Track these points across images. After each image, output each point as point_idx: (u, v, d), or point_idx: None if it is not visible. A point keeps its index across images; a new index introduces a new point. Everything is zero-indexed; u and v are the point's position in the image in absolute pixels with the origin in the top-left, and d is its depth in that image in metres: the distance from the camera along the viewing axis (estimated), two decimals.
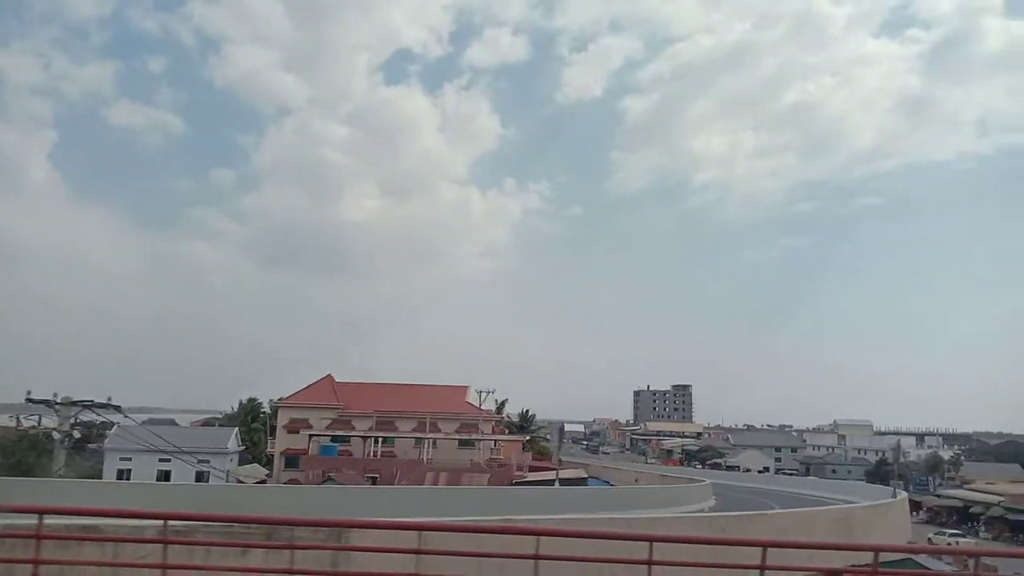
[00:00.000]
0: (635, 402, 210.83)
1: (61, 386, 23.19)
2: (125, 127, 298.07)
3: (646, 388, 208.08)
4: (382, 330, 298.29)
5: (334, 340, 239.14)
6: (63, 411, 22.47)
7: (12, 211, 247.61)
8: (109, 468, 49.92)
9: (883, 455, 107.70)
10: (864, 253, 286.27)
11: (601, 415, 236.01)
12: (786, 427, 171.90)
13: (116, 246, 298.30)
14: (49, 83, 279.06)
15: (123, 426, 44.61)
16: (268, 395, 73.61)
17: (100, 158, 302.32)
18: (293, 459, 52.35)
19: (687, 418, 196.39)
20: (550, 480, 41.64)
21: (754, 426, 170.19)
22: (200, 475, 49.28)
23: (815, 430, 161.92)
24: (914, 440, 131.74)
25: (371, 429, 55.84)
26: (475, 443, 57.19)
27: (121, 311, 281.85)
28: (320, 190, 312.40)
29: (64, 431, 22.76)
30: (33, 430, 48.40)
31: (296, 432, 54.57)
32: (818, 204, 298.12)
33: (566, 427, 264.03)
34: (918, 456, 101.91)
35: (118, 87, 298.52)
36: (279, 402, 58.12)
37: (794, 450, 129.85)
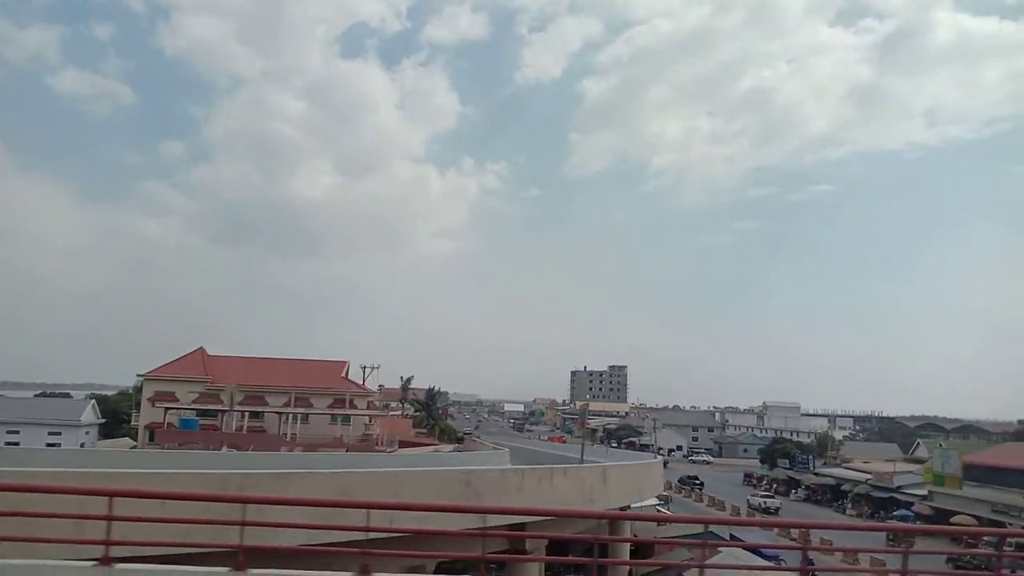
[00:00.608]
0: (572, 382, 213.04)
1: None
2: (71, 95, 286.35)
3: (583, 369, 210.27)
4: (332, 309, 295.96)
5: (278, 319, 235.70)
6: None
7: None
8: None
9: (778, 434, 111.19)
10: (815, 238, 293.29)
11: (543, 395, 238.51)
12: (716, 408, 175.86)
13: (63, 220, 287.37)
14: None
15: None
16: None
17: (45, 128, 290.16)
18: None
19: (622, 398, 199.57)
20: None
21: (680, 406, 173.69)
22: (51, 447, 48.02)
23: (746, 411, 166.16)
24: (826, 421, 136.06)
25: (240, 403, 55.02)
26: (350, 419, 56.94)
27: (65, 286, 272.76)
28: (273, 165, 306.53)
29: None
30: None
31: (161, 405, 53.44)
32: (771, 190, 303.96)
33: (506, 407, 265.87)
34: (811, 436, 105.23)
35: (63, 53, 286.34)
36: (147, 375, 56.74)
37: (711, 430, 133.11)
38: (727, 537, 30.38)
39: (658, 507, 42.07)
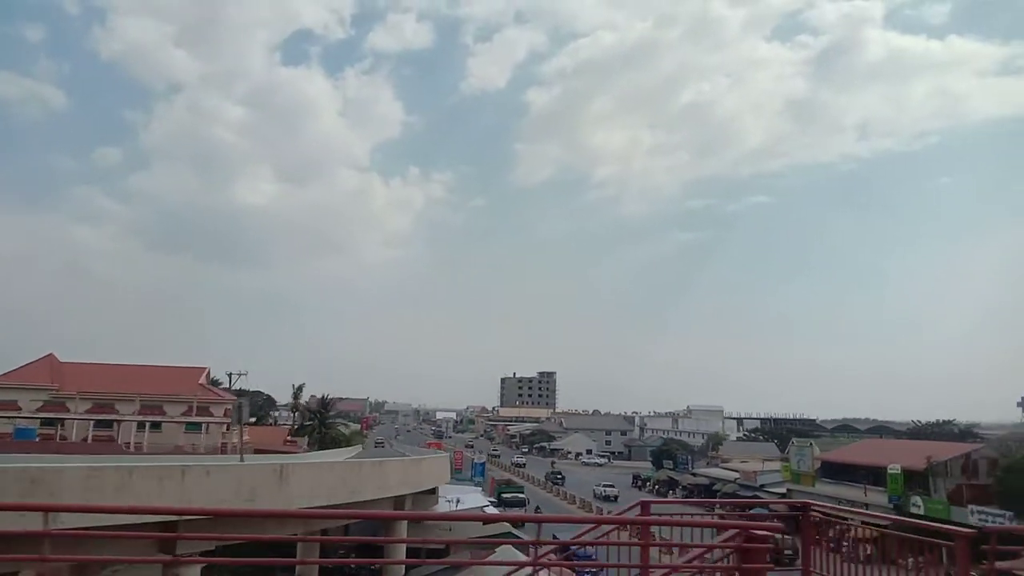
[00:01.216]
0: (502, 389, 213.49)
1: None
2: None
3: (512, 375, 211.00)
4: (267, 318, 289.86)
5: (213, 331, 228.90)
6: None
7: None
8: None
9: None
10: (752, 248, 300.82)
11: (476, 403, 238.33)
12: (637, 413, 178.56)
13: None
14: None
15: None
16: None
17: None
18: None
19: (551, 404, 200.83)
20: None
21: (605, 412, 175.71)
22: None
23: (667, 415, 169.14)
24: (735, 423, 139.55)
25: (87, 411, 53.34)
26: (207, 427, 55.77)
27: None
28: (213, 172, 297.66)
29: None
30: None
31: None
32: (709, 201, 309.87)
33: (439, 415, 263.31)
34: (704, 437, 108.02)
35: None
36: None
37: (624, 433, 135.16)
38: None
39: (484, 507, 42.34)
